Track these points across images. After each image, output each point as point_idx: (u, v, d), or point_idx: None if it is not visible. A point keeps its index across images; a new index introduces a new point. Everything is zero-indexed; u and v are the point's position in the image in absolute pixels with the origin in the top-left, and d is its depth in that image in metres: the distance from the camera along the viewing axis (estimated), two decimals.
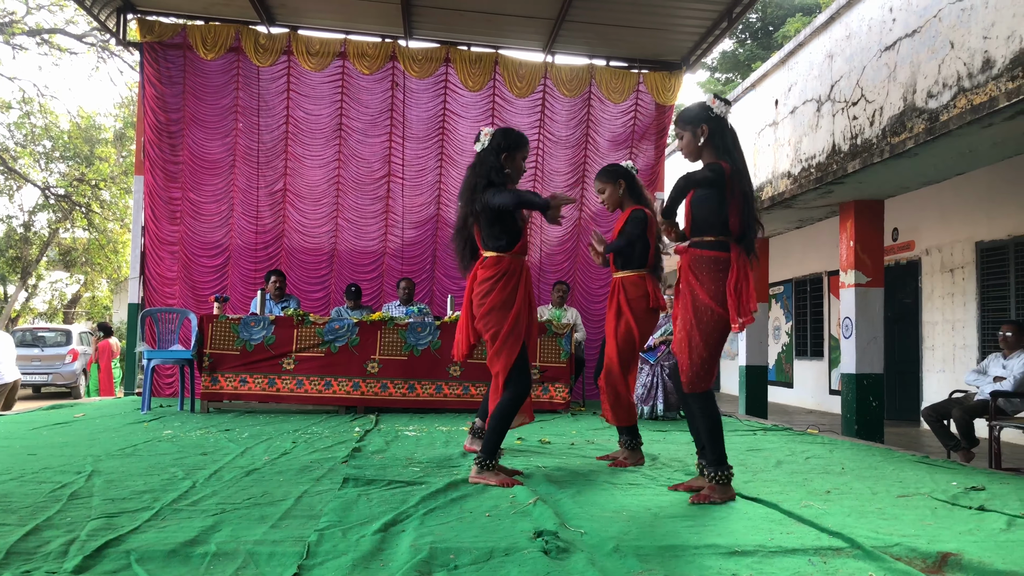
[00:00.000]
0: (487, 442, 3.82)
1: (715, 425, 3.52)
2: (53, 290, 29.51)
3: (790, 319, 14.58)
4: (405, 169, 9.79)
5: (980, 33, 6.41)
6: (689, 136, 3.63)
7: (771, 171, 10.38)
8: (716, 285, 3.47)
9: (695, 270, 3.55)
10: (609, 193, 4.60)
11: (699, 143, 3.61)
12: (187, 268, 9.34)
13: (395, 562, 2.39)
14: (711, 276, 3.49)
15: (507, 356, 3.86)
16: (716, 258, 3.49)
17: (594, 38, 9.73)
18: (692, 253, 3.58)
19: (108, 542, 2.52)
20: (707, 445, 3.52)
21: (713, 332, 3.49)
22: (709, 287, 3.48)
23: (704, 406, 3.55)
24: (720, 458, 3.49)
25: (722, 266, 3.48)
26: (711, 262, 3.50)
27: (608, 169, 4.68)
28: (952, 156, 7.45)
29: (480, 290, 3.96)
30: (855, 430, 8.78)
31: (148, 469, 4.00)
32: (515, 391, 3.85)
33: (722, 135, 3.58)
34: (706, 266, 3.51)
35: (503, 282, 3.92)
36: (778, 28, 24.02)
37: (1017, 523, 3.06)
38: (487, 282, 3.93)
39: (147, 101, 9.31)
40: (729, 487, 3.49)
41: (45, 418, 6.47)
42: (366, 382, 7.30)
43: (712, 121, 3.58)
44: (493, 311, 3.90)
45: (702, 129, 3.59)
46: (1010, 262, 8.90)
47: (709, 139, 3.58)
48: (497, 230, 3.95)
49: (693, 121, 3.62)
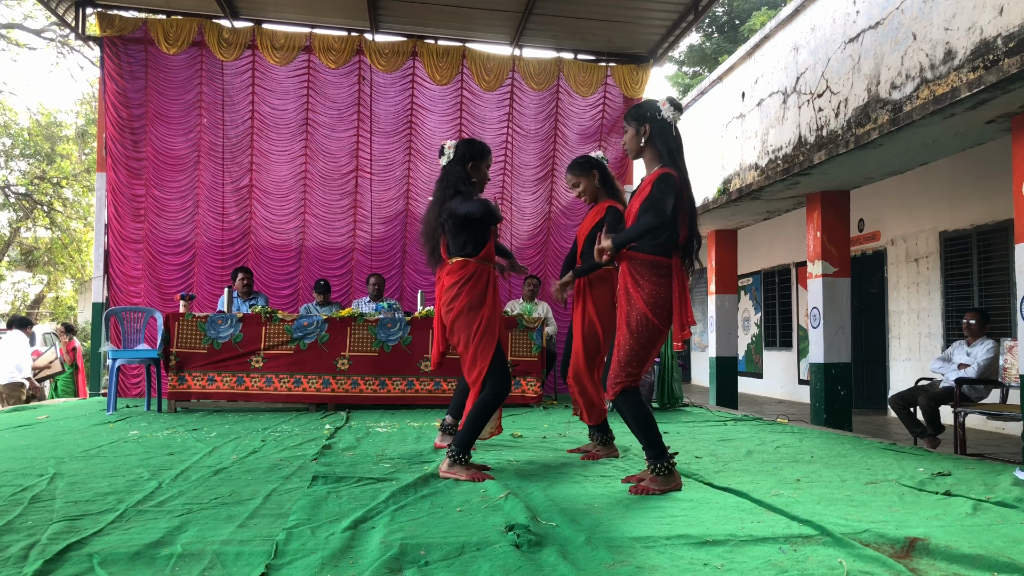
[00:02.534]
0: (462, 436, 3.78)
1: (644, 420, 3.48)
2: (16, 290, 28.97)
3: (759, 310, 14.71)
4: (373, 164, 9.72)
5: (942, 25, 6.49)
6: (632, 132, 3.63)
7: (738, 163, 10.45)
8: (654, 289, 3.43)
9: (634, 274, 3.49)
10: (584, 186, 4.58)
11: (640, 142, 3.60)
12: (152, 266, 9.19)
13: (365, 559, 2.36)
14: (650, 281, 3.45)
15: (482, 360, 3.85)
16: (657, 263, 3.45)
17: (561, 31, 9.72)
18: (633, 257, 3.50)
19: (70, 545, 2.46)
20: (642, 440, 3.50)
21: (646, 339, 3.45)
22: (647, 292, 3.44)
23: (629, 404, 3.49)
24: (659, 451, 3.46)
25: (663, 272, 3.45)
26: (652, 266, 3.46)
27: (579, 162, 4.65)
28: (916, 146, 7.55)
29: (448, 296, 3.96)
30: (824, 419, 8.88)
31: (113, 470, 3.92)
32: (495, 388, 3.83)
33: (665, 139, 3.55)
34: (646, 270, 3.46)
35: (469, 284, 3.92)
36: (744, 22, 24.19)
37: (982, 507, 3.11)
38: (454, 287, 3.94)
39: (108, 96, 9.14)
40: (672, 477, 3.46)
41: (7, 420, 6.33)
42: (336, 379, 7.24)
43: (657, 123, 3.56)
44: (461, 315, 3.90)
45: (644, 129, 3.57)
46: (973, 251, 9.04)
47: (651, 140, 3.57)
48: (463, 239, 3.97)
49: (638, 118, 3.61)
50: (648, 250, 3.47)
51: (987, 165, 8.58)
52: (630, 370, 3.47)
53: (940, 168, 9.03)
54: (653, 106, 3.60)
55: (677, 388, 7.92)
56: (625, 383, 3.47)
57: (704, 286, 16.55)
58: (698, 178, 11.81)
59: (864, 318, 11.18)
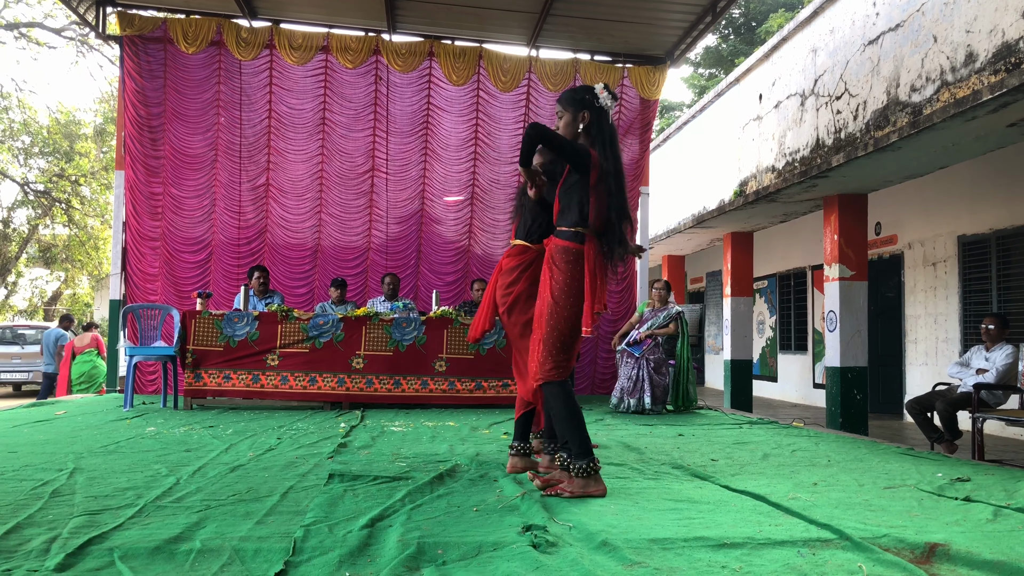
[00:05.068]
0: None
1: (571, 415, 3.36)
2: (33, 287, 29.23)
3: (774, 313, 14.64)
4: (389, 164, 9.74)
5: (963, 27, 6.44)
6: (569, 118, 3.52)
7: (755, 165, 10.41)
8: (564, 277, 3.37)
9: (552, 260, 3.45)
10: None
11: (578, 128, 3.50)
12: (169, 264, 9.25)
13: (383, 557, 2.36)
14: (561, 268, 3.39)
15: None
16: (567, 248, 3.40)
17: (578, 32, 9.71)
18: (552, 242, 3.49)
19: (91, 539, 2.48)
20: (567, 437, 3.38)
21: (560, 325, 3.37)
22: (557, 279, 3.38)
23: (555, 395, 3.38)
24: (584, 450, 3.33)
25: (572, 258, 3.38)
26: (563, 252, 3.40)
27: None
28: (935, 150, 7.49)
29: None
30: (840, 423, 8.83)
31: (131, 466, 3.95)
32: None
33: (601, 127, 3.48)
34: (560, 256, 3.41)
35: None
36: (761, 23, 24.10)
37: (1003, 513, 3.08)
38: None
39: (127, 95, 9.21)
40: (593, 480, 3.32)
41: (27, 416, 6.39)
42: (351, 378, 7.26)
43: (595, 110, 3.49)
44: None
45: (583, 115, 3.49)
46: (992, 256, 8.97)
47: (588, 127, 3.49)
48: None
49: (576, 104, 3.51)
50: (561, 236, 3.43)
51: (1008, 169, 8.51)
52: (554, 360, 3.37)
53: (959, 171, 8.96)
54: (591, 92, 3.51)
55: (692, 391, 7.90)
56: (548, 376, 3.37)
57: (719, 288, 16.49)
58: (714, 180, 11.78)
59: (881, 322, 11.11)
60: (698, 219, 12.21)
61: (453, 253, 9.89)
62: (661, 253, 16.97)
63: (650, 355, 7.56)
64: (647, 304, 8.19)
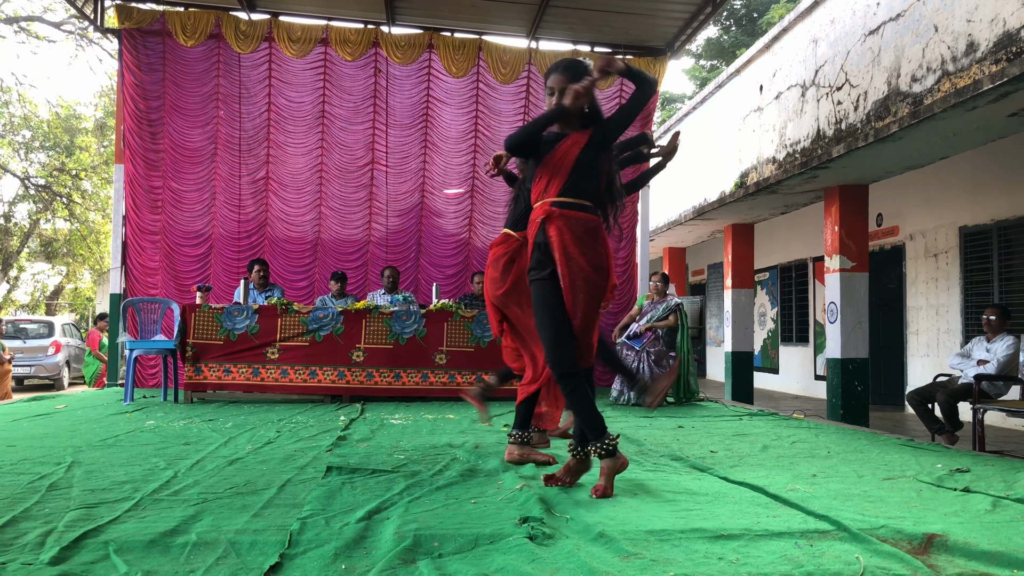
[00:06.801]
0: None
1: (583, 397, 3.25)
2: (35, 282, 29.23)
3: (775, 305, 14.62)
4: (389, 156, 9.72)
5: (964, 16, 6.40)
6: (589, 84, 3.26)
7: (756, 157, 10.38)
8: (605, 250, 3.26)
9: (581, 235, 3.21)
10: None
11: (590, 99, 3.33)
12: (169, 258, 9.24)
13: (379, 550, 2.36)
14: (598, 240, 3.25)
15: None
16: (598, 223, 3.29)
17: (578, 23, 9.67)
18: (572, 215, 3.23)
19: (86, 533, 2.48)
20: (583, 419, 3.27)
21: (596, 301, 3.25)
22: (588, 254, 3.20)
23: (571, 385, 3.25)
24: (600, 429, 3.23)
25: (601, 232, 3.29)
26: (595, 226, 3.27)
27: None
28: (936, 140, 7.47)
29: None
30: (840, 414, 8.82)
31: (129, 459, 3.95)
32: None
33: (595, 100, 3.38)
34: (593, 231, 3.25)
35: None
36: (762, 15, 24.02)
37: (1002, 504, 3.07)
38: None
39: (127, 89, 9.19)
40: (617, 456, 3.21)
41: (26, 410, 6.40)
42: (351, 371, 7.26)
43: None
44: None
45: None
46: (993, 246, 8.94)
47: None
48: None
49: (581, 75, 3.29)
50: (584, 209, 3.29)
51: (1009, 159, 8.48)
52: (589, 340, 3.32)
53: (960, 162, 8.93)
54: (589, 67, 3.37)
55: (693, 382, 7.89)
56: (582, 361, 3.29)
57: (720, 280, 16.47)
58: (715, 172, 11.75)
59: (882, 313, 11.09)
60: (699, 211, 12.18)
61: (453, 246, 9.87)
62: (662, 245, 16.95)
63: (650, 348, 7.55)
64: (646, 297, 8.17)
